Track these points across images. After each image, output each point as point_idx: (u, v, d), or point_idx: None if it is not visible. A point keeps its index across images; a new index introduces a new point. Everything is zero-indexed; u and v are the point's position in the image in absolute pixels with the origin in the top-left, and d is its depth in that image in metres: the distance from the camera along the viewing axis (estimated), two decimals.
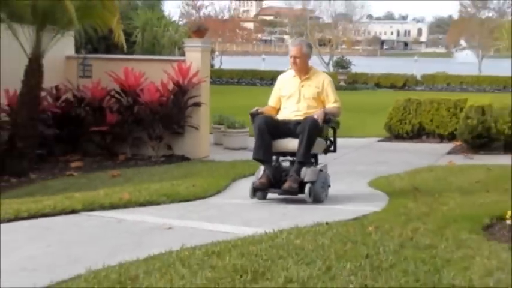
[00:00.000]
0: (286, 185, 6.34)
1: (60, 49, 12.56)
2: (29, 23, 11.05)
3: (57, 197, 6.66)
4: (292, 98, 6.80)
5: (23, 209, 5.75)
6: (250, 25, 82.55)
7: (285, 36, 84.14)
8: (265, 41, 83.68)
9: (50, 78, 11.78)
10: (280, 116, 6.94)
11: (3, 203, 6.31)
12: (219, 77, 35.28)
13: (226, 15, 60.49)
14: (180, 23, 30.12)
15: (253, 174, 8.53)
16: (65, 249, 4.46)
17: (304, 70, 6.85)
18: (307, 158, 6.53)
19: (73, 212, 5.75)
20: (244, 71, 38.20)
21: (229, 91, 27.28)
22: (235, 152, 12.86)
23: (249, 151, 12.90)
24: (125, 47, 11.76)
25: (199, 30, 13.54)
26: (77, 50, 14.14)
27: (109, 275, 3.67)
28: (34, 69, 11.03)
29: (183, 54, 13.55)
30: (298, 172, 6.41)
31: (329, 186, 6.92)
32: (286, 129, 6.59)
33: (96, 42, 14.59)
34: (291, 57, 6.88)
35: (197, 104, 12.36)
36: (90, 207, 5.92)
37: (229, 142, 13.91)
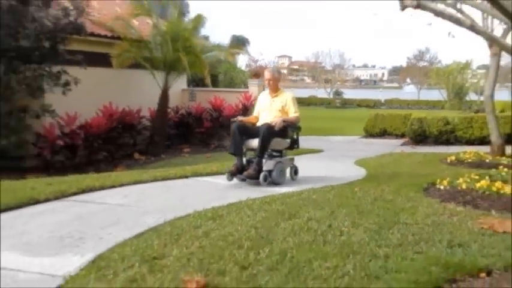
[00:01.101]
0: (245, 172, 5.36)
1: (179, 85, 12.79)
2: (162, 70, 11.25)
3: (177, 168, 6.73)
4: (266, 110, 5.79)
5: (158, 174, 5.80)
6: (284, 71, 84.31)
7: (305, 77, 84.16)
8: (294, 80, 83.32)
9: (173, 101, 12.03)
10: (259, 123, 5.79)
11: (148, 171, 6.44)
12: None
13: (271, 65, 62.22)
14: (245, 69, 30.42)
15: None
16: (181, 199, 4.48)
17: (274, 90, 5.84)
18: (263, 153, 5.43)
19: (186, 177, 5.77)
20: None
21: None
22: None
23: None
24: (210, 84, 12.07)
25: (256, 74, 13.76)
26: (188, 85, 14.35)
27: (206, 213, 3.67)
28: (164, 96, 11.25)
29: (247, 87, 13.67)
30: (258, 163, 5.39)
31: (296, 173, 5.87)
32: (255, 132, 5.56)
33: (198, 81, 14.79)
34: (266, 80, 5.93)
35: None
36: (195, 175, 5.93)
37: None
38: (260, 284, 2.28)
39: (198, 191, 5.10)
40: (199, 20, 12.30)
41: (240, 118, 5.92)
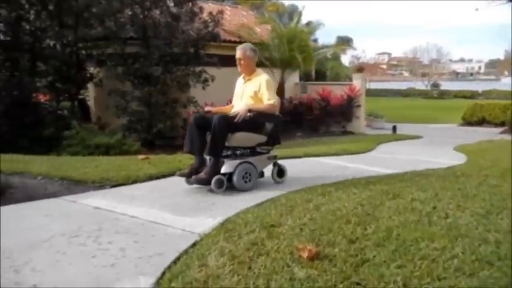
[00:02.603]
0: (194, 176, 3.55)
1: (292, 79, 12.60)
2: (279, 67, 11.18)
3: (290, 149, 6.60)
4: (238, 97, 3.99)
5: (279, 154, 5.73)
6: (384, 66, 79.58)
7: (403, 72, 78.27)
8: (393, 74, 77.86)
9: (287, 93, 11.86)
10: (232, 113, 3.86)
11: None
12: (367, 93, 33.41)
13: (372, 61, 59.50)
14: (349, 66, 29.36)
15: (384, 143, 7.92)
16: (293, 176, 4.30)
17: (247, 72, 3.89)
18: (215, 151, 3.52)
19: (298, 157, 5.61)
20: (382, 90, 35.72)
21: (374, 100, 25.71)
22: (378, 130, 12.07)
23: (386, 130, 12.10)
24: (313, 76, 11.80)
25: (359, 69, 13.07)
26: (300, 79, 14.12)
27: (316, 189, 3.45)
28: (280, 89, 11.16)
29: (350, 81, 13.03)
30: (213, 165, 3.52)
31: (281, 174, 3.93)
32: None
33: (308, 76, 14.49)
34: (236, 59, 3.89)
35: (358, 105, 11.80)
36: (306, 155, 5.74)
37: (374, 124, 13.15)
38: (368, 258, 2.02)
39: (308, 169, 4.90)
40: (315, 26, 12.25)
41: (207, 108, 4.07)
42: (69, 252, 2.21)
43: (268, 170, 3.89)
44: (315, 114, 11.74)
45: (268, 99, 3.74)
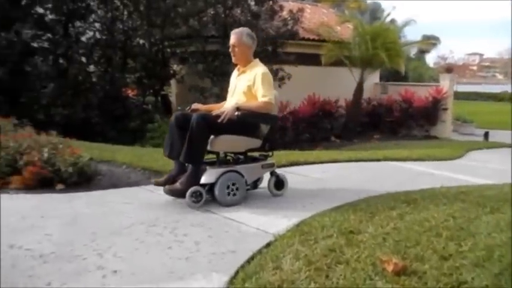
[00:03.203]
0: (167, 186, 2.96)
1: (372, 79, 12.05)
2: (358, 66, 10.75)
3: (368, 152, 6.26)
4: (230, 93, 3.29)
5: (352, 156, 5.46)
6: (474, 68, 73.26)
7: (496, 74, 70.99)
8: (484, 77, 71.04)
9: (366, 94, 11.36)
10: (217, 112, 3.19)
11: (343, 153, 6.13)
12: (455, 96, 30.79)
13: (460, 62, 55.01)
14: (434, 67, 27.40)
15: (474, 150, 7.14)
16: (373, 179, 4.04)
17: (242, 62, 3.22)
18: (191, 158, 2.88)
19: (377, 160, 5.28)
20: (471, 93, 32.70)
21: (462, 103, 23.64)
22: (466, 136, 11.02)
23: (476, 136, 11.01)
24: (403, 72, 11.10)
25: (448, 69, 12.06)
26: (380, 80, 13.45)
27: (399, 196, 3.16)
28: (359, 89, 10.75)
29: (435, 83, 12.07)
30: (192, 174, 2.89)
31: (279, 186, 3.27)
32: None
33: (389, 76, 13.72)
34: (230, 46, 3.22)
35: (445, 109, 10.90)
36: (385, 159, 5.37)
37: (462, 130, 12.03)
38: (465, 280, 1.76)
39: (389, 173, 4.56)
40: (404, 23, 11.67)
41: (195, 106, 3.34)
42: (147, 241, 2.26)
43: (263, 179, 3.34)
44: (395, 117, 11.07)
45: (262, 96, 2.99)
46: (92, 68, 9.74)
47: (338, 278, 1.78)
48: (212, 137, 2.93)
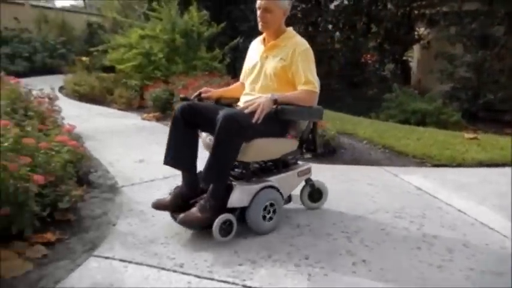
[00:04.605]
0: (182, 215, 1.89)
1: None
2: None
3: None
4: (252, 75, 2.12)
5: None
6: None
7: None
8: None
9: None
10: (242, 101, 2.13)
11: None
12: None
13: None
14: None
15: None
16: None
17: (274, 32, 2.05)
18: (219, 177, 1.85)
19: None
20: None
21: None
22: None
23: None
24: None
25: None
26: None
27: None
28: None
29: None
30: (213, 195, 1.88)
31: (318, 197, 2.38)
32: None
33: None
34: (258, 9, 2.03)
35: None
36: None
37: None
38: None
39: None
40: None
41: (206, 91, 2.32)
42: (393, 233, 2.19)
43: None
44: None
45: (304, 83, 2.06)
46: (337, 35, 10.06)
47: None
48: (244, 143, 1.99)
